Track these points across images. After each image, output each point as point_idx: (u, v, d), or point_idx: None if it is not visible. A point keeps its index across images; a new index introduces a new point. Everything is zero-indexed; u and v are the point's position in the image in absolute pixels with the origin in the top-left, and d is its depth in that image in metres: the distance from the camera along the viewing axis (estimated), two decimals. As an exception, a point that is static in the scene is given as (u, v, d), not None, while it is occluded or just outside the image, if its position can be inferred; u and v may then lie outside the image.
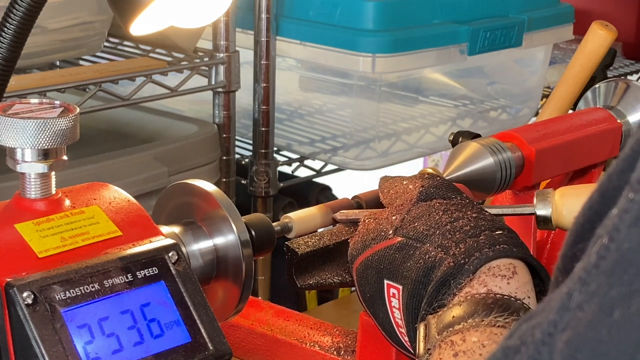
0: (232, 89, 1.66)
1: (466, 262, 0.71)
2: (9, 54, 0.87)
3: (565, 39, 1.90)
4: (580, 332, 0.41)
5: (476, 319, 0.67)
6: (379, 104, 1.71)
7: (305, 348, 0.92)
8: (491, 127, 1.89)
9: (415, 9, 1.64)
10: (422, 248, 0.74)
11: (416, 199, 0.79)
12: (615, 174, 0.45)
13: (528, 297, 0.70)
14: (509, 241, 0.72)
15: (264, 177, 1.69)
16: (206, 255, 0.80)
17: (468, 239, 0.73)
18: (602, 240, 0.42)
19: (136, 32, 0.87)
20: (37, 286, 0.66)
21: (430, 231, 0.75)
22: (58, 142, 0.71)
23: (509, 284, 0.70)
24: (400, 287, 0.75)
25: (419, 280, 0.73)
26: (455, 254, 0.72)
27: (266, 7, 1.62)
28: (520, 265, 0.71)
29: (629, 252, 0.41)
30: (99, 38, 1.63)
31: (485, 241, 0.72)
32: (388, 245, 0.77)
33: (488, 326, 0.66)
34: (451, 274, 0.71)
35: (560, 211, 0.88)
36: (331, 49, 1.61)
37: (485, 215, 0.76)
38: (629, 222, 0.42)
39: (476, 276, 0.70)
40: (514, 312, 0.67)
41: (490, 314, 0.67)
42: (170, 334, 0.71)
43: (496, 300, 0.68)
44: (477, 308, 0.68)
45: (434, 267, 0.72)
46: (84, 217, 0.73)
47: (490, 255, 0.71)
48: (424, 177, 0.82)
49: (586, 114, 1.11)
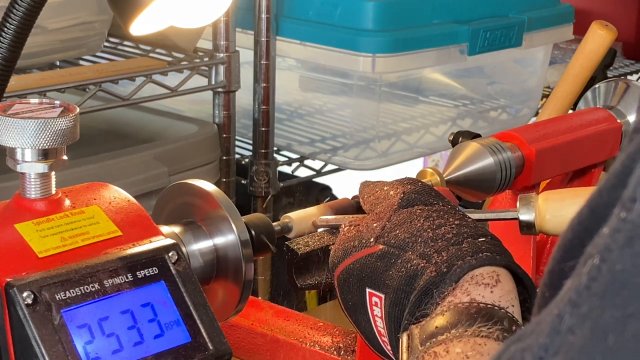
0: (232, 89, 1.66)
1: (448, 270, 0.69)
2: (9, 54, 0.87)
3: (565, 39, 1.90)
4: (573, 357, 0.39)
5: (459, 329, 0.66)
6: (379, 104, 1.71)
7: (305, 348, 0.92)
8: (491, 127, 1.89)
9: (415, 9, 1.64)
10: (404, 256, 0.73)
11: (397, 206, 0.78)
12: (606, 189, 0.43)
13: (512, 305, 0.69)
14: (492, 249, 0.71)
15: (264, 177, 1.69)
16: (206, 255, 0.80)
17: (450, 247, 0.71)
18: (593, 260, 0.41)
19: (136, 32, 0.87)
20: (37, 286, 0.66)
21: (412, 239, 0.73)
22: (58, 142, 0.71)
23: (492, 292, 0.68)
24: (383, 296, 0.73)
25: (401, 289, 0.72)
26: (437, 262, 0.70)
27: (266, 7, 1.62)
28: (503, 273, 0.70)
29: (621, 273, 0.39)
30: (99, 38, 1.63)
31: (467, 249, 0.71)
32: (369, 253, 0.75)
33: (472, 336, 0.65)
34: (433, 283, 0.69)
35: (543, 216, 0.86)
36: (331, 49, 1.61)
37: (467, 222, 0.75)
38: (622, 242, 0.40)
39: (459, 285, 0.69)
40: (497, 322, 0.66)
41: (473, 323, 0.66)
42: (170, 334, 0.71)
43: (479, 309, 0.67)
44: (461, 318, 0.66)
45: (416, 276, 0.71)
46: (84, 217, 0.73)
47: (473, 264, 0.69)
48: (404, 183, 0.81)
49: (586, 114, 1.11)
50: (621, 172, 0.43)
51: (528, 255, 1.03)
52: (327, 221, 0.86)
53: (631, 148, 0.43)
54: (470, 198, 0.99)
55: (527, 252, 1.02)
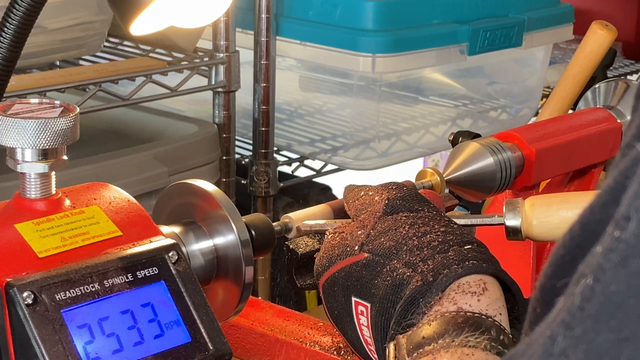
0: (232, 89, 1.66)
1: (435, 279, 0.68)
2: (9, 54, 0.87)
3: (565, 39, 1.90)
4: None
5: (447, 339, 0.65)
6: (379, 104, 1.71)
7: (305, 348, 0.92)
8: (491, 127, 1.89)
9: (415, 9, 1.64)
10: (390, 265, 0.72)
11: (382, 213, 0.77)
12: (598, 206, 0.42)
13: (500, 313, 0.68)
14: (478, 256, 0.70)
15: (264, 177, 1.69)
16: (206, 255, 0.80)
17: (436, 255, 0.70)
18: (586, 280, 0.39)
19: (136, 32, 0.87)
20: (37, 286, 0.66)
21: (397, 247, 0.73)
22: (58, 142, 0.71)
23: (479, 301, 0.67)
24: (369, 305, 0.72)
25: (387, 299, 0.71)
26: (423, 271, 0.69)
27: (266, 7, 1.63)
28: (490, 281, 0.69)
29: (615, 295, 0.38)
30: (99, 38, 1.63)
31: (454, 257, 0.70)
32: (354, 261, 0.74)
33: (459, 347, 0.64)
34: (420, 292, 0.69)
35: (530, 221, 0.85)
36: (331, 49, 1.61)
37: (453, 229, 0.74)
38: (615, 262, 0.39)
39: (445, 294, 0.68)
40: (485, 331, 0.65)
41: (461, 333, 0.65)
42: (170, 334, 0.71)
43: (467, 318, 0.66)
44: (448, 327, 0.65)
45: (402, 285, 0.70)
46: (84, 217, 0.73)
47: (459, 272, 0.68)
48: (389, 188, 0.80)
49: (586, 114, 1.11)
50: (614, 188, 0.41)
51: (528, 255, 1.03)
52: (310, 226, 0.84)
53: (624, 164, 0.42)
54: (470, 198, 0.99)
55: (527, 252, 1.02)
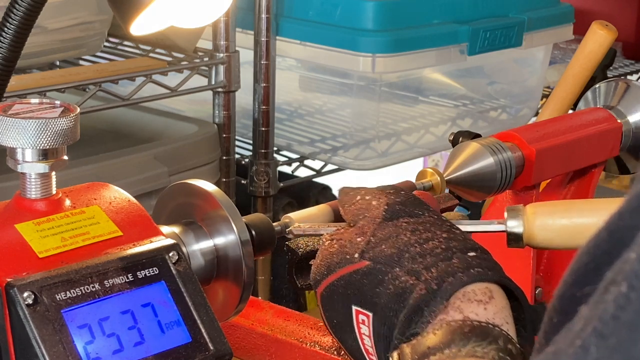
0: (232, 89, 1.66)
1: (439, 288, 0.67)
2: (9, 54, 0.87)
3: (565, 39, 1.90)
4: None
5: (453, 349, 0.63)
6: (379, 104, 1.71)
7: (305, 348, 0.92)
8: (491, 127, 1.89)
9: (415, 9, 1.64)
10: (392, 273, 0.70)
11: (381, 219, 0.74)
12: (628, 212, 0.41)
13: (506, 322, 0.66)
14: (483, 264, 0.69)
15: (264, 177, 1.69)
16: (206, 255, 0.80)
17: (440, 263, 0.69)
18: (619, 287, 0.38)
19: (136, 32, 0.87)
20: (37, 286, 0.66)
21: (399, 254, 0.70)
22: (58, 142, 0.71)
23: (485, 309, 0.66)
24: (371, 314, 0.70)
25: (390, 308, 0.69)
26: (427, 279, 0.68)
27: (266, 7, 1.63)
28: (496, 289, 0.67)
29: None
30: (99, 38, 1.63)
31: (458, 265, 0.68)
32: (354, 269, 0.72)
33: (466, 357, 0.63)
34: (424, 301, 0.67)
35: (531, 228, 0.83)
36: (331, 49, 1.61)
37: (456, 235, 0.72)
38: None
39: (450, 302, 0.66)
40: (492, 341, 0.64)
41: (467, 343, 0.63)
42: (170, 334, 0.71)
43: (473, 327, 0.64)
44: (454, 337, 0.64)
45: (405, 294, 0.68)
46: (84, 217, 0.73)
47: (464, 280, 0.67)
48: (387, 192, 0.78)
49: (586, 114, 1.11)
50: None
51: (528, 255, 1.03)
52: (303, 230, 0.83)
53: None
54: (471, 198, 0.99)
55: (528, 254, 1.02)
